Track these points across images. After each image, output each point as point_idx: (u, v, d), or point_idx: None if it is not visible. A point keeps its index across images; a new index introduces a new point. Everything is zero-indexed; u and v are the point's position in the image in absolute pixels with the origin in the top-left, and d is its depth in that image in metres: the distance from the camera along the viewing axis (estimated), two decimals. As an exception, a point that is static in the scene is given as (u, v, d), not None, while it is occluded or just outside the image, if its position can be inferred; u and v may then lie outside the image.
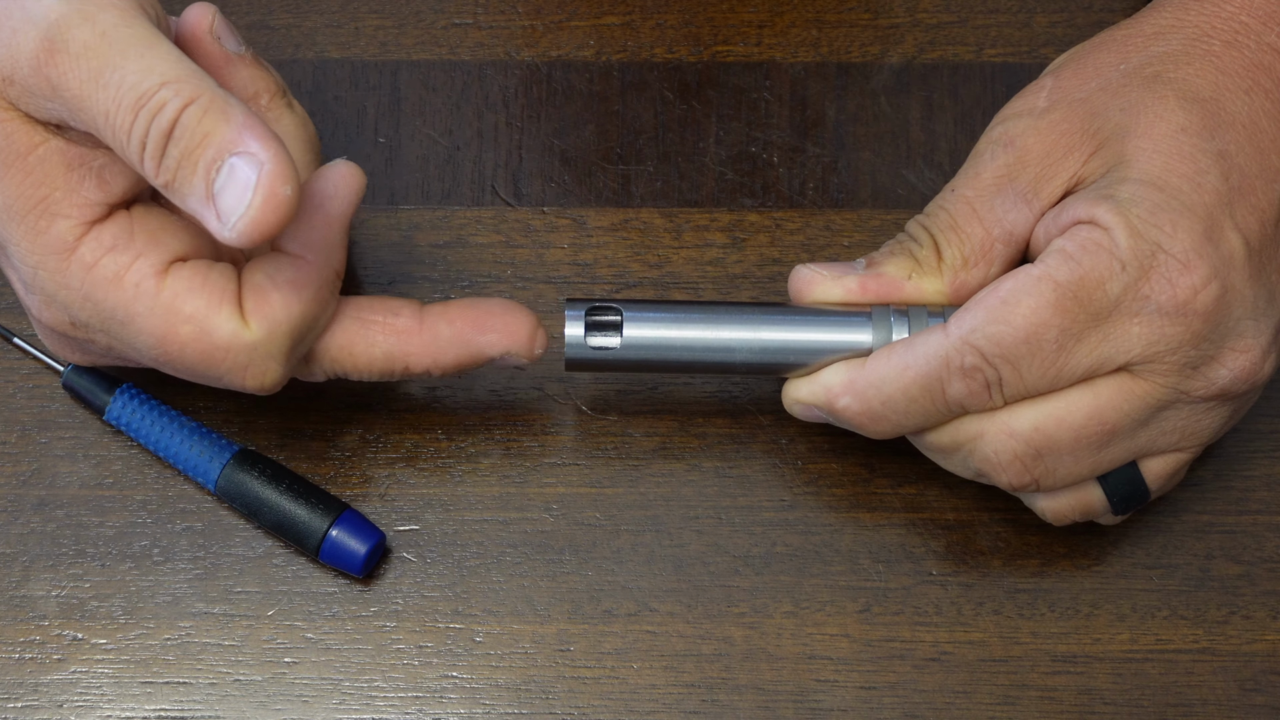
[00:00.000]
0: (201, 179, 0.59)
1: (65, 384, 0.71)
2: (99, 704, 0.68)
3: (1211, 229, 0.62)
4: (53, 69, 0.60)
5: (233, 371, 0.63)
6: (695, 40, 0.76)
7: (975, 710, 0.68)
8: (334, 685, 0.69)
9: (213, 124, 0.59)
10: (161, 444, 0.70)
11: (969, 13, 0.77)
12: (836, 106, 0.75)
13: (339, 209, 0.64)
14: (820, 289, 0.66)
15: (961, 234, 0.65)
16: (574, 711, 0.68)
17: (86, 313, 0.63)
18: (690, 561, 0.70)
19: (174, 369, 0.64)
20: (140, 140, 0.59)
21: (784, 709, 0.68)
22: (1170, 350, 0.62)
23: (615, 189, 0.75)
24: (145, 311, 0.63)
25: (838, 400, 0.65)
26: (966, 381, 0.63)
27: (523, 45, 0.76)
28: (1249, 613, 0.69)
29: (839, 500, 0.71)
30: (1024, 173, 0.65)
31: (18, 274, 0.64)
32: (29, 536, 0.70)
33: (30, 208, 0.62)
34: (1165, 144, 0.63)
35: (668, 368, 0.67)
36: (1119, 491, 0.65)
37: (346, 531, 0.68)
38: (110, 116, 0.59)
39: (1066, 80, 0.66)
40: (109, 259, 0.62)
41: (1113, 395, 0.63)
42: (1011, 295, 0.62)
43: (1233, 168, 0.62)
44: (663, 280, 0.73)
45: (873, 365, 0.65)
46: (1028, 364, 0.62)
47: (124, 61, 0.59)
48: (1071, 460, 0.64)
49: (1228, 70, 0.64)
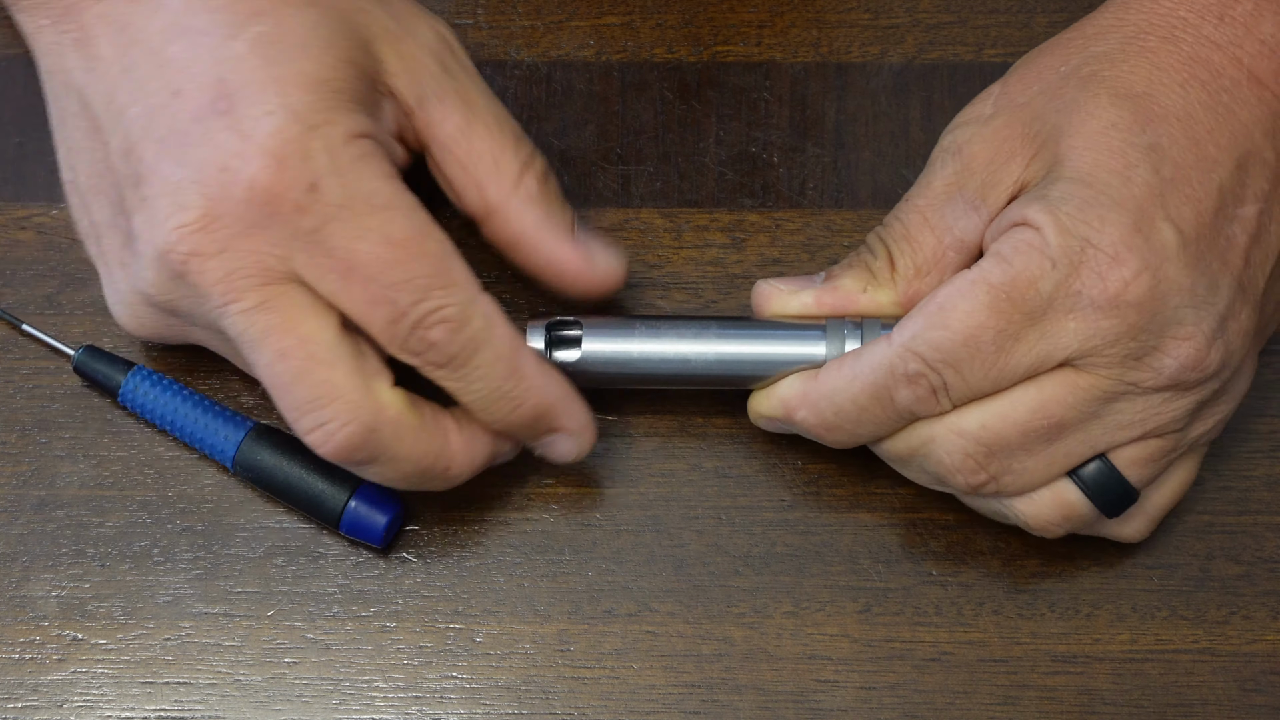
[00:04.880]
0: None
1: (76, 366, 0.71)
2: (99, 704, 0.68)
3: (1141, 221, 0.62)
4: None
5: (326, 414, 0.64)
6: (695, 40, 0.76)
7: (975, 710, 0.68)
8: (334, 685, 0.69)
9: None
10: (176, 422, 0.70)
11: (969, 13, 0.77)
12: (836, 106, 0.75)
13: (548, 452, 0.68)
14: (777, 303, 0.68)
15: (914, 243, 0.66)
16: (574, 711, 0.68)
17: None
18: (690, 561, 0.70)
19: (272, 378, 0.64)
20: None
21: (784, 709, 0.68)
22: (1108, 343, 0.62)
23: (615, 189, 0.75)
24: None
25: (795, 413, 0.67)
26: (912, 388, 0.64)
27: (523, 45, 0.76)
28: (1249, 613, 0.69)
29: (839, 500, 0.71)
30: (971, 180, 0.66)
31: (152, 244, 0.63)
32: (29, 536, 0.70)
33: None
34: (1095, 141, 0.63)
35: (628, 381, 0.68)
36: (1096, 487, 0.65)
37: (366, 502, 0.68)
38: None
39: (1012, 86, 0.67)
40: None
41: (1056, 389, 0.63)
42: (948, 300, 0.63)
43: (1165, 160, 0.63)
44: (663, 280, 0.73)
45: (824, 377, 0.66)
46: (969, 366, 0.63)
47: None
48: (1025, 455, 0.64)
49: (1163, 65, 0.64)
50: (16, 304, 0.73)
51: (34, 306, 0.73)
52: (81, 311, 0.72)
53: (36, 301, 0.73)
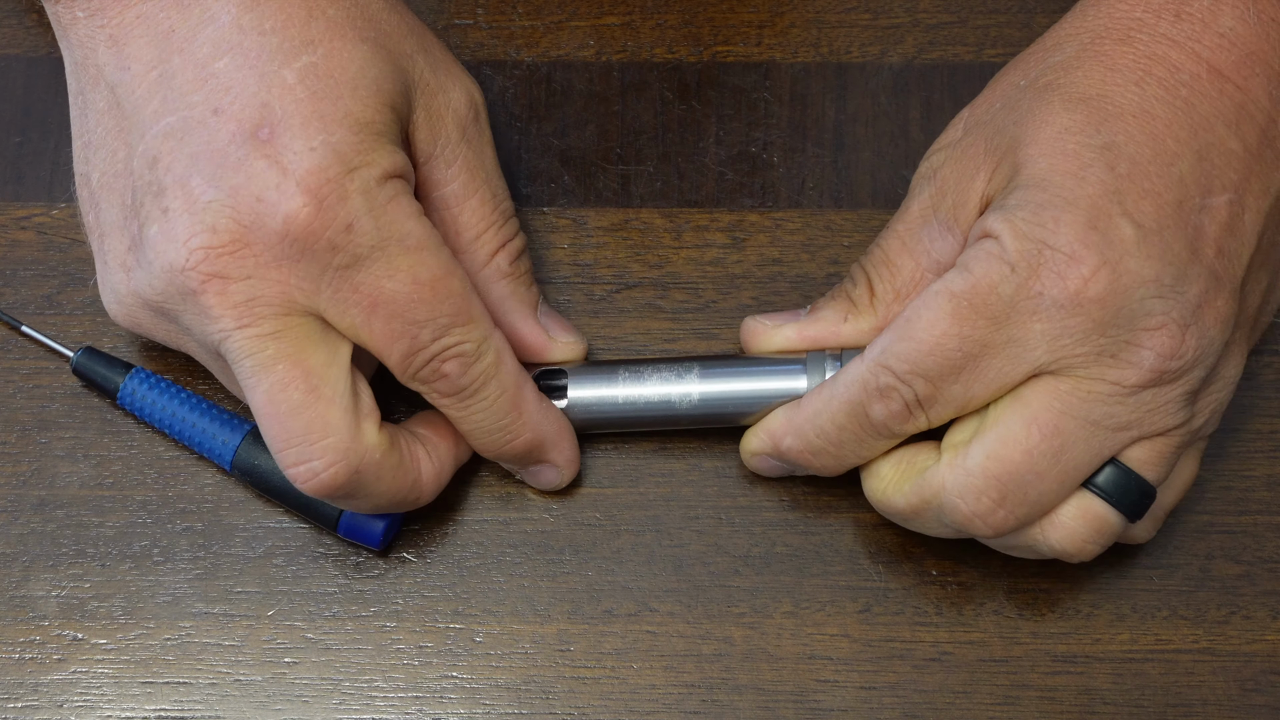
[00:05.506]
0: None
1: (75, 368, 0.71)
2: (99, 704, 0.68)
3: (1097, 219, 0.62)
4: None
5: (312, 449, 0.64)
6: (695, 40, 0.76)
7: (975, 710, 0.68)
8: (334, 685, 0.69)
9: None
10: (175, 424, 0.70)
11: (969, 13, 0.77)
12: (836, 106, 0.75)
13: (530, 479, 0.70)
14: (762, 340, 0.69)
15: (892, 268, 0.67)
16: (574, 711, 0.68)
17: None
18: (690, 561, 0.70)
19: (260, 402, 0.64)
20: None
21: (784, 709, 0.68)
22: (1077, 341, 0.63)
23: (615, 189, 0.75)
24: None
25: (782, 441, 0.68)
26: (885, 402, 0.64)
27: (523, 45, 0.76)
28: (1249, 613, 0.69)
29: (839, 500, 0.71)
30: (943, 202, 0.67)
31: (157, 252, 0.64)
32: (29, 536, 0.70)
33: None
34: (1050, 146, 0.64)
35: (617, 425, 0.70)
36: (1115, 490, 0.65)
37: None
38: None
39: (978, 107, 0.68)
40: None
41: (1042, 400, 0.63)
42: (913, 312, 0.64)
43: (1120, 157, 0.63)
44: (663, 280, 0.73)
45: (805, 402, 0.67)
46: (939, 376, 0.64)
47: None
48: (1037, 479, 0.64)
49: (1117, 66, 0.65)
50: (16, 304, 0.73)
51: (34, 306, 0.73)
52: (81, 312, 0.72)
53: (36, 301, 0.73)
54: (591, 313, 0.73)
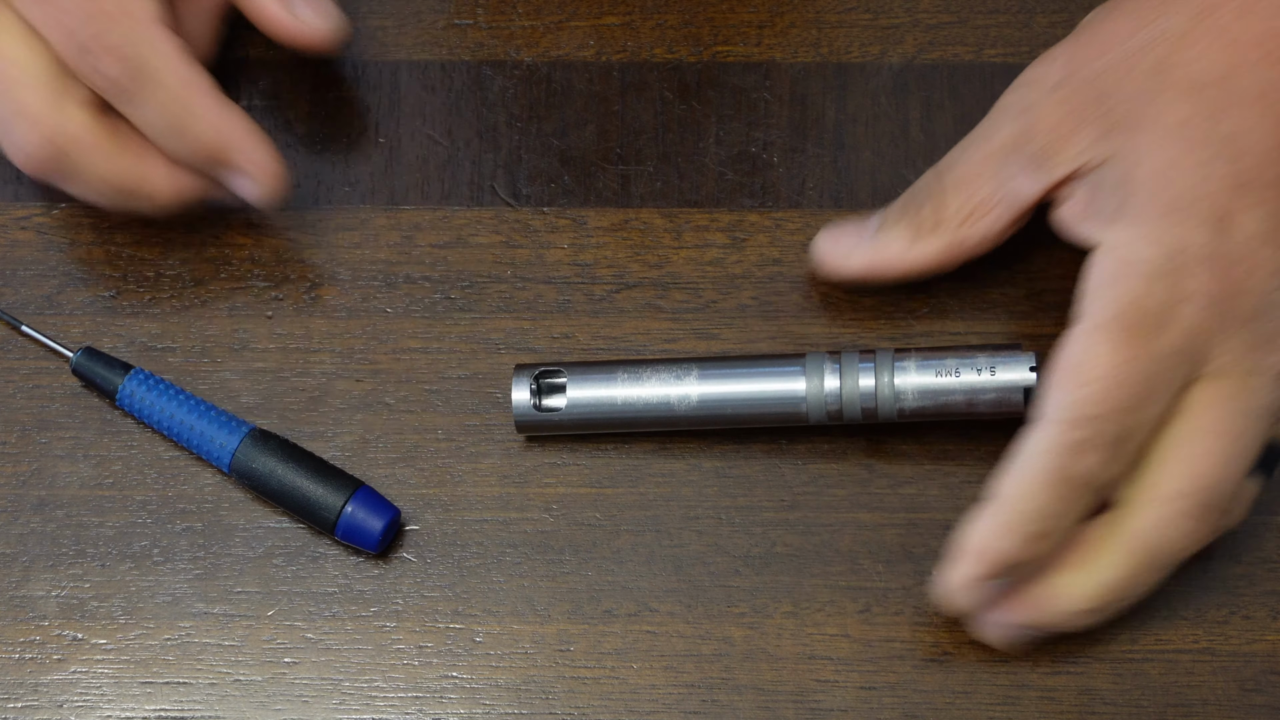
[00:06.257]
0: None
1: (75, 368, 0.71)
2: (99, 704, 0.68)
3: (1224, 215, 0.62)
4: None
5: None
6: (695, 40, 0.76)
7: (975, 710, 0.68)
8: (334, 685, 0.69)
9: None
10: (174, 425, 0.70)
11: (969, 13, 0.77)
12: (836, 106, 0.75)
13: (240, 193, 0.70)
14: (832, 267, 0.70)
15: (971, 187, 0.67)
16: (574, 711, 0.68)
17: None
18: (690, 561, 0.70)
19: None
20: None
21: (784, 709, 0.68)
22: (1230, 336, 0.62)
23: (615, 189, 0.75)
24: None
25: (992, 549, 0.63)
26: (1085, 456, 0.62)
27: (523, 45, 0.76)
28: (1249, 613, 0.69)
29: (839, 500, 0.71)
30: (1033, 143, 0.66)
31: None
32: (29, 536, 0.70)
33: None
34: (1169, 139, 0.63)
35: (616, 424, 0.70)
36: (1271, 464, 0.66)
37: (362, 507, 0.68)
38: None
39: (1080, 52, 0.66)
40: None
41: (1212, 407, 0.63)
42: (1075, 358, 0.62)
43: (1242, 149, 0.62)
44: (663, 280, 0.73)
45: (996, 499, 0.64)
46: (1128, 407, 0.62)
47: None
48: (1228, 480, 0.63)
49: (1238, 42, 0.63)
50: (16, 304, 0.73)
51: (33, 306, 0.73)
52: (81, 311, 0.72)
53: (36, 301, 0.73)
54: (591, 313, 0.73)
